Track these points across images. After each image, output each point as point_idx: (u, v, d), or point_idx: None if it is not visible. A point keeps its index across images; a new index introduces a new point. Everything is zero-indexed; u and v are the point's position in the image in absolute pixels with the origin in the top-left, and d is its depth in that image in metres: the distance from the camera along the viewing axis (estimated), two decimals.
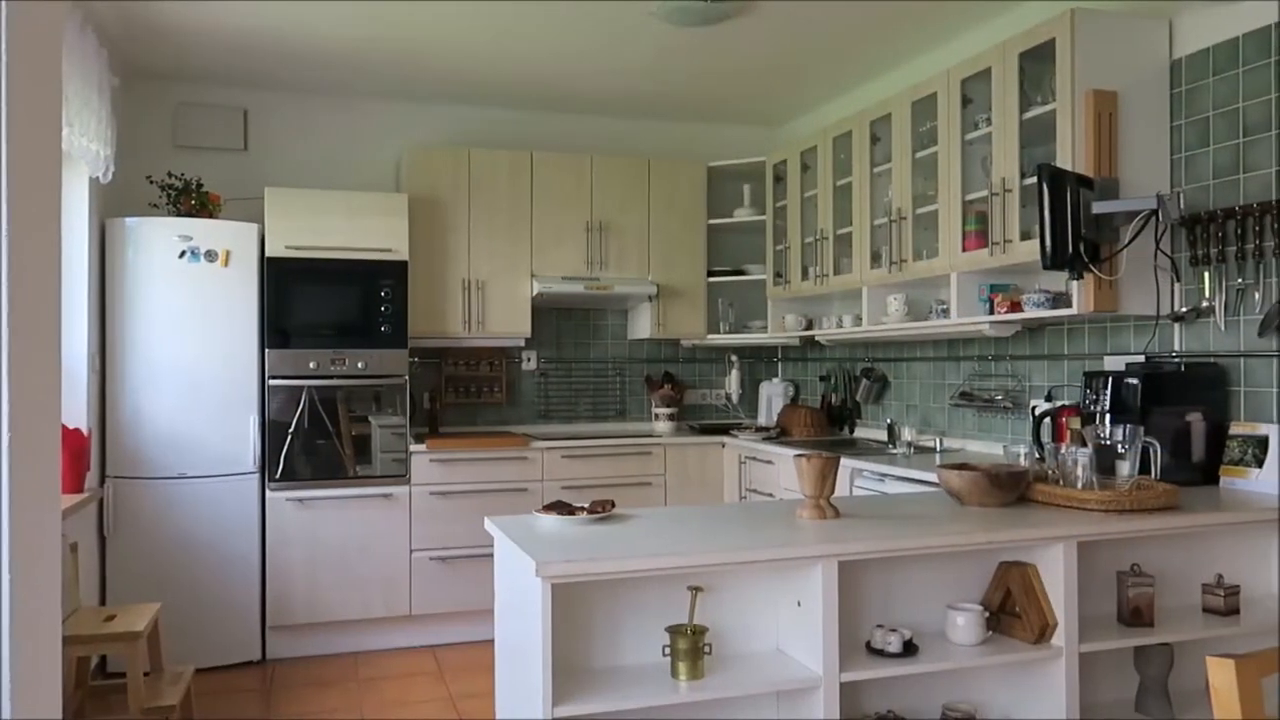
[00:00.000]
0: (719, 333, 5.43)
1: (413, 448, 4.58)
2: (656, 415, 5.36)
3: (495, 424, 5.33)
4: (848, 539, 2.21)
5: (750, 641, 2.32)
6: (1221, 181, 3.08)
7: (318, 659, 4.41)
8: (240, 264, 4.31)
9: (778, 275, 5.17)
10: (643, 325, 5.34)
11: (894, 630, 2.29)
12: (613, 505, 2.49)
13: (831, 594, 2.16)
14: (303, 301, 4.43)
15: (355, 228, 4.51)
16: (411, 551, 4.56)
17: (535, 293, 4.96)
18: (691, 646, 2.11)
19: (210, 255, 4.25)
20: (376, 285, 4.53)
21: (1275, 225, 2.87)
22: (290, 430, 4.38)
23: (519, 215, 5.02)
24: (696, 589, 2.17)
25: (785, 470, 4.42)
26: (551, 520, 2.39)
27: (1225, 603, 2.60)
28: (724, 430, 5.23)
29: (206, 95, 4.91)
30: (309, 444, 4.41)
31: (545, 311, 5.36)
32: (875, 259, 4.25)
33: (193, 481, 4.23)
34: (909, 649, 2.29)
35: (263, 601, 4.35)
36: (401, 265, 4.57)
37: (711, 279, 5.36)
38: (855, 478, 3.90)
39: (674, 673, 2.12)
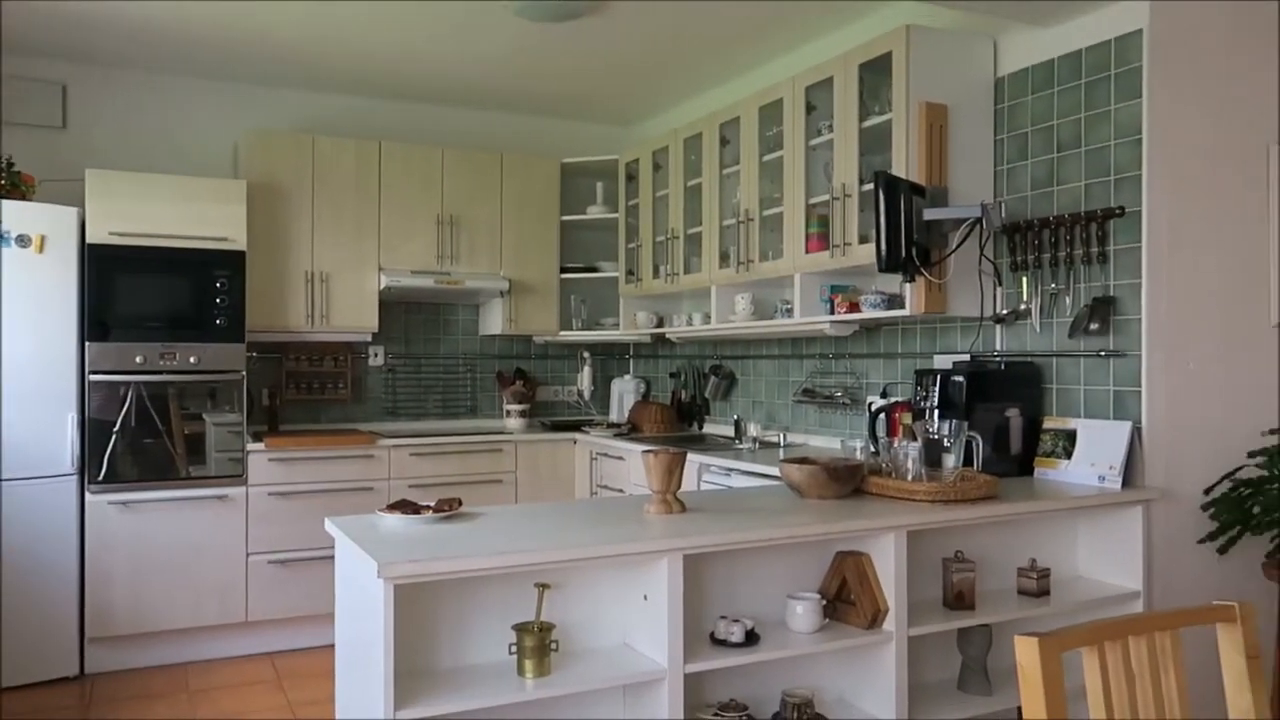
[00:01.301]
0: (571, 329, 5.43)
1: (250, 446, 4.38)
2: (508, 412, 5.32)
3: (340, 421, 5.16)
4: (693, 533, 2.26)
5: (598, 637, 2.34)
6: (1038, 193, 3.30)
7: (144, 671, 4.15)
8: (57, 250, 4.00)
9: (630, 273, 5.22)
10: (494, 321, 5.29)
11: (737, 620, 2.35)
12: (459, 503, 2.46)
13: (677, 587, 2.19)
14: (129, 292, 4.15)
15: (188, 214, 4.27)
16: (248, 555, 4.36)
17: (383, 286, 4.83)
18: (538, 644, 2.10)
19: (22, 240, 3.93)
20: (211, 276, 4.30)
21: (1084, 235, 3.11)
22: (115, 429, 4.10)
23: (366, 206, 4.87)
24: (544, 586, 2.16)
25: (636, 466, 4.47)
26: (395, 519, 2.34)
27: (1038, 585, 2.80)
28: (576, 427, 5.24)
29: (18, 67, 4.53)
30: (136, 443, 4.15)
31: (393, 306, 5.23)
32: (724, 259, 4.35)
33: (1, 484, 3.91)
34: (751, 638, 2.36)
35: (81, 612, 4.06)
36: (239, 255, 4.36)
37: (564, 275, 5.36)
38: (703, 473, 3.99)
39: (520, 671, 2.11)
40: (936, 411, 3.14)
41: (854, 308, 3.67)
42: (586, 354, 5.66)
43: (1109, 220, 3.04)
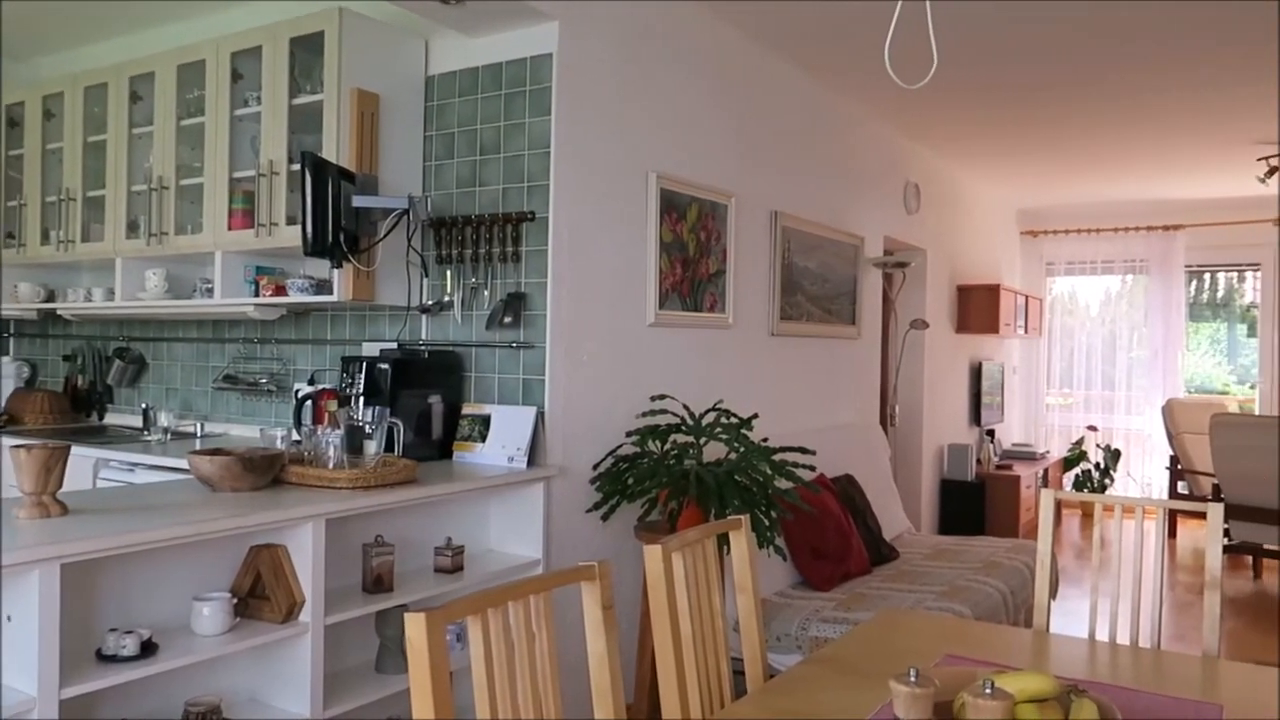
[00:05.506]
0: None
1: None
2: None
3: None
4: (74, 538, 1.99)
5: None
6: (462, 191, 3.49)
7: None
8: None
9: (10, 236, 4.41)
10: None
11: (130, 632, 2.12)
12: None
13: (51, 603, 1.91)
14: None
15: None
16: None
17: None
18: None
19: None
20: None
21: (501, 235, 3.36)
22: None
23: None
24: None
25: (9, 465, 3.80)
26: None
27: (453, 561, 2.96)
28: None
29: None
30: None
31: None
32: (132, 228, 3.90)
33: None
34: (148, 649, 2.15)
35: None
36: None
37: None
38: (101, 469, 3.53)
39: None
40: (362, 399, 3.16)
41: (280, 291, 3.54)
42: None
43: (522, 223, 3.32)
